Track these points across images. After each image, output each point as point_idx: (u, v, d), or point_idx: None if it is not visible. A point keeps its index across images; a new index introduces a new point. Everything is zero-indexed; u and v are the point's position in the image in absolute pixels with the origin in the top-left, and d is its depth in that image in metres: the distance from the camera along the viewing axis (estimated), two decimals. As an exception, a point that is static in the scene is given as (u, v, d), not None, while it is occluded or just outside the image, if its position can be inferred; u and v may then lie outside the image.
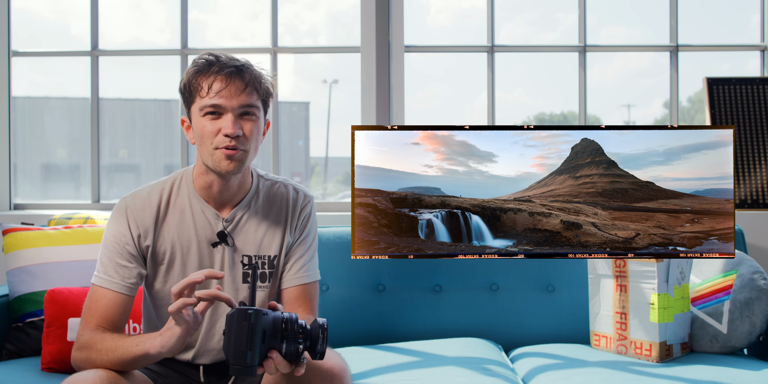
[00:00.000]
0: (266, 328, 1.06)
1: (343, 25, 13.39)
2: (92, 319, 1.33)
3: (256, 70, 1.39)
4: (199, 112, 1.35)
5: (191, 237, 1.42)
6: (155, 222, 1.41)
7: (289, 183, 1.53)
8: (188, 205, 1.43)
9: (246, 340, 1.03)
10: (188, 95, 1.37)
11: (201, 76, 1.34)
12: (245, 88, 1.34)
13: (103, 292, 1.35)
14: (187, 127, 1.42)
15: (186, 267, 1.42)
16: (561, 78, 2.85)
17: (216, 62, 1.34)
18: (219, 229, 1.42)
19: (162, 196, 1.43)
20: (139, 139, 7.99)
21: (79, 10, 2.70)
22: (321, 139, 10.73)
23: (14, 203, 2.60)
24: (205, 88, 1.33)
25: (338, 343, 1.93)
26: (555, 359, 1.75)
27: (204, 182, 1.42)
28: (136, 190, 1.45)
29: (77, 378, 1.18)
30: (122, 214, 1.41)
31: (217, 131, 1.33)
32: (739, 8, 4.29)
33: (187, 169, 1.48)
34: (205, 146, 1.35)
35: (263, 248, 1.45)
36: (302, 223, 1.50)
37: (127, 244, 1.39)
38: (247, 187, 1.47)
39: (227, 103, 1.32)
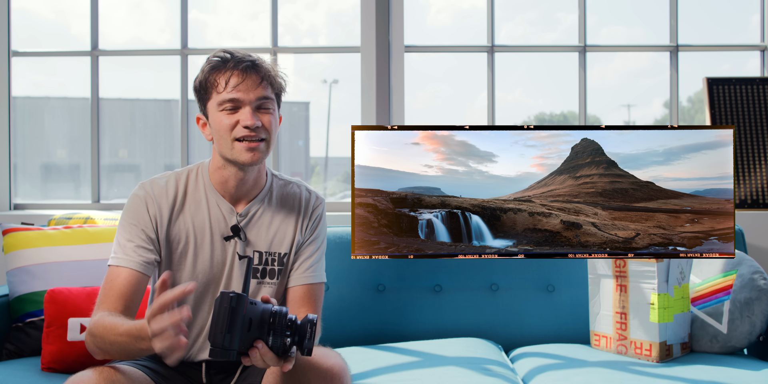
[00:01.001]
0: (253, 318, 1.07)
1: (343, 25, 13.38)
2: (107, 299, 1.33)
3: (270, 65, 1.42)
4: (216, 108, 1.38)
5: (205, 229, 1.44)
6: (171, 211, 1.44)
7: (302, 184, 1.56)
8: (204, 197, 1.46)
9: (225, 322, 1.03)
10: (204, 92, 1.40)
11: (217, 73, 1.38)
12: (261, 82, 1.38)
13: (119, 271, 1.36)
14: (203, 125, 1.45)
15: (197, 258, 1.44)
16: (561, 78, 2.85)
17: (231, 58, 1.38)
18: (233, 223, 1.45)
19: (179, 186, 1.46)
20: (139, 139, 7.98)
21: (79, 10, 2.70)
22: (321, 139, 10.73)
23: (14, 203, 2.60)
24: (222, 84, 1.36)
25: (338, 343, 1.92)
26: (555, 359, 1.75)
27: (221, 176, 1.44)
28: (154, 177, 1.48)
29: (79, 378, 1.18)
30: (141, 198, 1.43)
31: (234, 124, 1.36)
32: (739, 8, 4.29)
33: (203, 163, 1.50)
34: (224, 140, 1.38)
35: (275, 245, 1.48)
36: (314, 223, 1.52)
37: (146, 227, 1.41)
38: (262, 183, 1.50)
39: (245, 97, 1.36)
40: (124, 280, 1.35)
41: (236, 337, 1.04)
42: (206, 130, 1.44)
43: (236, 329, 1.04)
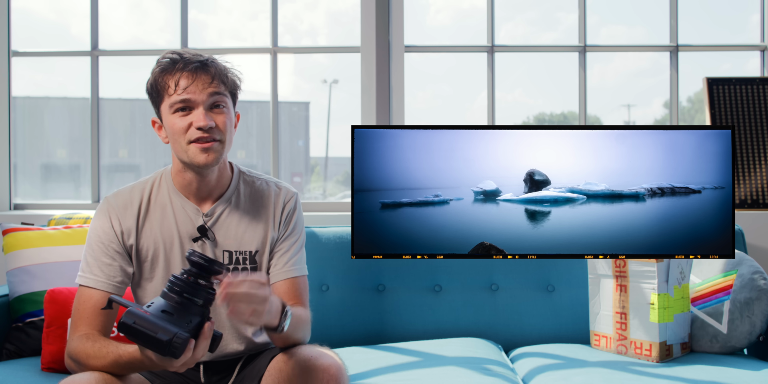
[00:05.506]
0: (167, 309, 1.07)
1: (343, 25, 13.38)
2: (81, 322, 1.33)
3: (221, 64, 1.40)
4: (169, 110, 1.35)
5: (173, 233, 1.42)
6: (137, 220, 1.42)
7: (271, 180, 1.53)
8: (169, 201, 1.44)
9: (145, 336, 1.03)
10: (156, 95, 1.38)
11: (167, 75, 1.35)
12: (212, 82, 1.35)
13: (89, 293, 1.35)
14: (158, 128, 1.43)
15: (170, 263, 1.42)
16: (561, 78, 2.86)
17: (180, 59, 1.35)
18: (199, 223, 1.43)
19: (143, 194, 1.44)
20: (139, 139, 7.99)
21: (79, 10, 2.70)
22: (321, 139, 10.74)
23: (14, 203, 2.60)
24: (172, 86, 1.34)
25: (338, 343, 1.93)
26: (555, 359, 1.75)
27: (183, 179, 1.43)
28: (119, 189, 1.47)
29: (73, 380, 1.18)
30: (105, 212, 1.42)
31: (188, 126, 1.34)
32: (739, 8, 4.29)
33: (166, 168, 1.49)
34: (179, 143, 1.36)
35: (244, 244, 1.45)
36: (287, 218, 1.50)
37: (112, 241, 1.39)
38: (226, 181, 1.47)
39: (196, 97, 1.33)
40: (97, 303, 1.34)
41: (162, 330, 1.03)
42: (162, 133, 1.42)
43: (158, 327, 1.03)
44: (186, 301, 1.09)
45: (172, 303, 1.08)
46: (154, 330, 1.03)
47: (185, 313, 1.08)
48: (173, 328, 1.04)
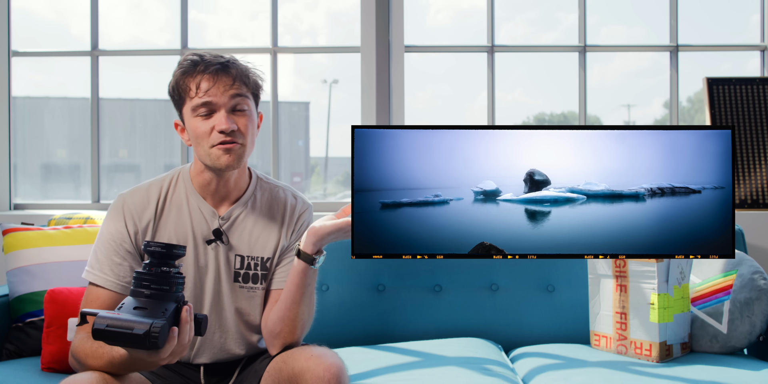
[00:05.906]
0: (138, 305, 1.05)
1: (343, 25, 13.38)
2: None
3: (242, 65, 1.39)
4: (191, 113, 1.35)
5: (188, 234, 1.42)
6: (153, 219, 1.41)
7: (288, 189, 1.53)
8: (185, 201, 1.43)
9: (122, 336, 1.01)
10: (178, 98, 1.37)
11: (188, 77, 1.34)
12: (233, 83, 1.34)
13: (97, 293, 1.35)
14: (181, 130, 1.42)
15: (182, 264, 1.42)
16: (561, 78, 2.85)
17: (201, 61, 1.34)
18: (215, 226, 1.43)
19: (161, 193, 1.44)
20: (139, 139, 7.99)
21: (79, 10, 2.70)
22: (321, 139, 10.73)
23: (14, 203, 2.60)
24: (193, 89, 1.33)
25: (338, 343, 1.93)
26: (555, 359, 1.75)
27: (202, 180, 1.42)
28: (134, 187, 1.45)
29: (73, 380, 1.18)
30: (119, 211, 1.41)
31: (210, 130, 1.34)
32: (739, 8, 4.29)
33: (185, 167, 1.48)
34: (202, 146, 1.35)
35: (257, 249, 1.45)
36: (299, 229, 1.50)
37: (124, 241, 1.39)
38: (244, 185, 1.47)
39: (217, 100, 1.33)
40: (104, 303, 1.34)
41: (137, 324, 1.02)
42: (185, 136, 1.41)
43: (131, 324, 1.02)
44: (156, 292, 1.07)
45: (142, 298, 1.07)
46: (128, 327, 1.01)
47: (159, 304, 1.06)
48: (148, 320, 1.02)
